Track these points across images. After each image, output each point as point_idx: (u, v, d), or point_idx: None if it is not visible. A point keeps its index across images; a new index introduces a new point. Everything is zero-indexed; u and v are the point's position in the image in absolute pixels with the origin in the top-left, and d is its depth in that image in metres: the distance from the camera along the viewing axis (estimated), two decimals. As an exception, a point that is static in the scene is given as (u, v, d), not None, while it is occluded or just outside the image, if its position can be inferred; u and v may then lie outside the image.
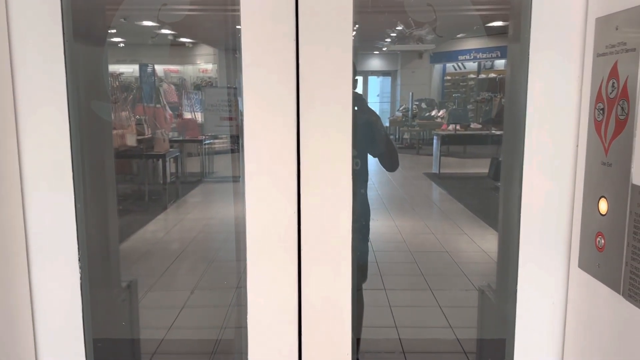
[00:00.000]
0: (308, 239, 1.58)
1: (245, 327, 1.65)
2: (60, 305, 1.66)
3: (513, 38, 1.76)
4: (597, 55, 1.38)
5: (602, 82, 1.36)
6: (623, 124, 1.25)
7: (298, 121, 1.52)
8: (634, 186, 1.22)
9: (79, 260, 1.64)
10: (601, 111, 1.36)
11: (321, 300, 1.61)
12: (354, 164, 1.56)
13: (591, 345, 1.46)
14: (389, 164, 2.50)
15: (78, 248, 1.63)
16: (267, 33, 1.49)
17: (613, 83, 1.30)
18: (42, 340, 1.68)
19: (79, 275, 1.64)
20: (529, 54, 1.51)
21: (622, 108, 1.26)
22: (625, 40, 1.26)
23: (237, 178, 2.03)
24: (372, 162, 2.30)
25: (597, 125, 1.38)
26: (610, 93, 1.31)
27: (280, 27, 1.48)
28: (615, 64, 1.30)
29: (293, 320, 1.62)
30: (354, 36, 1.50)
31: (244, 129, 1.54)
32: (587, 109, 1.44)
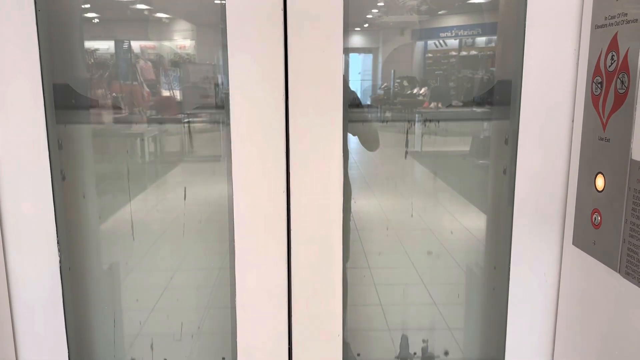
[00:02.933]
0: (297, 218, 1.53)
1: (232, 308, 1.61)
2: (40, 291, 1.60)
3: (506, 11, 1.72)
4: (596, 27, 1.35)
5: (600, 55, 1.32)
6: (623, 98, 1.22)
7: (287, 98, 1.47)
8: (633, 162, 1.19)
9: (58, 244, 1.57)
10: (599, 85, 1.32)
11: (311, 280, 1.58)
12: None
13: (584, 321, 1.46)
14: (369, 143, 2.46)
15: (57, 231, 1.57)
16: (253, 5, 1.42)
17: (612, 55, 1.27)
18: (21, 326, 1.62)
19: (58, 259, 1.58)
20: (525, 27, 1.46)
21: (622, 81, 1.23)
22: (626, 11, 1.22)
23: (217, 157, 1.98)
24: (353, 140, 2.26)
25: (594, 99, 1.35)
26: (610, 66, 1.28)
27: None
28: (615, 35, 1.26)
29: (283, 301, 1.58)
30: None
31: (231, 106, 1.47)
32: (583, 82, 1.41)
